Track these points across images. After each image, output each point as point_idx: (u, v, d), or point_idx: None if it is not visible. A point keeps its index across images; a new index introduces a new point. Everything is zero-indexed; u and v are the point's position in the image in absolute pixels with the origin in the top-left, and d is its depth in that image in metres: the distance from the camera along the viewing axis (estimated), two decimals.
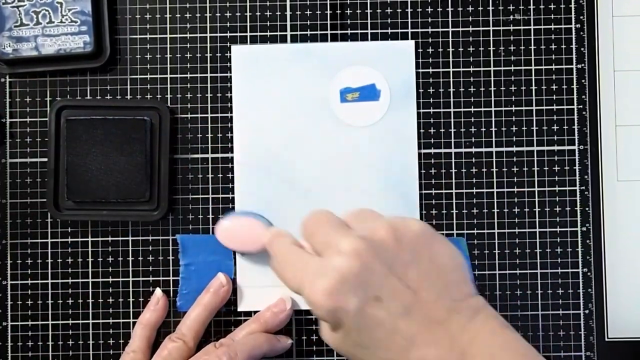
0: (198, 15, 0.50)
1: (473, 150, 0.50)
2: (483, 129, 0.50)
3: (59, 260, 0.49)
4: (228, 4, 0.50)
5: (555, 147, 0.50)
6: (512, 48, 0.50)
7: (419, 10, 0.50)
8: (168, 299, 0.49)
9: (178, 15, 0.50)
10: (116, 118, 0.48)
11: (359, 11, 0.50)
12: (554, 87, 0.50)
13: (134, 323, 0.49)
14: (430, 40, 0.50)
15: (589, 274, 0.49)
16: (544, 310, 0.49)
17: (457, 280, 0.38)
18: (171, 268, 0.50)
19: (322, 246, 0.39)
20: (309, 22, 0.50)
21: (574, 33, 0.50)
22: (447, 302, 0.37)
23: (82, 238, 0.50)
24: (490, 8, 0.50)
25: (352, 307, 0.36)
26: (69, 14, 0.48)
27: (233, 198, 0.49)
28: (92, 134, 0.48)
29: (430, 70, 0.50)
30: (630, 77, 0.50)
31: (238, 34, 0.50)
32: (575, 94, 0.50)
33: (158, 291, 0.49)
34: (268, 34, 0.50)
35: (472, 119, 0.50)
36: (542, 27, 0.50)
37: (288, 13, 0.50)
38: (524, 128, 0.50)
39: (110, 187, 0.48)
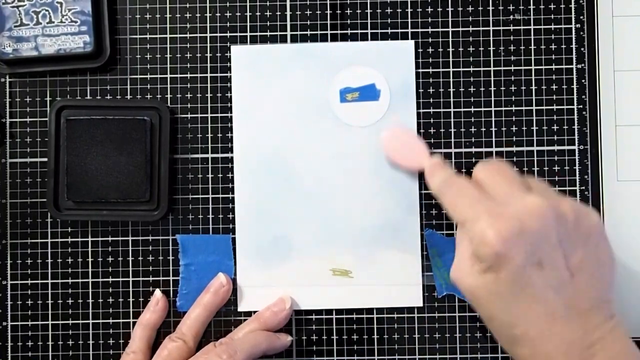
0: (198, 15, 0.50)
1: (473, 150, 0.50)
2: (483, 129, 0.50)
3: (59, 260, 0.49)
4: (228, 4, 0.50)
5: (555, 147, 0.50)
6: (512, 48, 0.50)
7: (419, 10, 0.50)
8: (168, 300, 0.49)
9: (178, 15, 0.50)
10: (116, 118, 0.48)
11: (359, 11, 0.50)
12: (554, 87, 0.50)
13: (134, 323, 0.49)
14: (430, 40, 0.50)
15: None
16: None
17: (609, 282, 0.40)
18: (171, 268, 0.50)
19: (504, 193, 0.40)
20: (309, 22, 0.50)
21: (574, 33, 0.50)
22: (594, 296, 0.39)
23: (82, 238, 0.50)
24: (490, 8, 0.50)
25: (517, 261, 0.37)
26: (69, 14, 0.48)
27: (233, 198, 0.49)
28: (92, 134, 0.48)
29: (430, 70, 0.50)
30: (630, 77, 0.50)
31: (238, 34, 0.50)
32: (575, 94, 0.50)
33: (158, 292, 0.49)
34: (268, 34, 0.50)
35: (472, 119, 0.50)
36: (542, 27, 0.50)
37: (288, 13, 0.50)
38: (524, 128, 0.50)
39: (110, 187, 0.48)
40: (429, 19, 0.50)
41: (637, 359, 0.39)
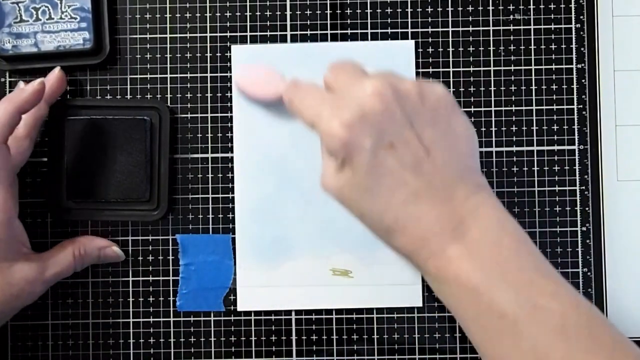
0: (198, 15, 0.50)
1: None
2: (483, 129, 0.50)
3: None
4: (228, 4, 0.50)
5: (555, 147, 0.50)
6: (512, 48, 0.50)
7: (419, 10, 0.50)
8: (65, 78, 0.48)
9: (178, 15, 0.50)
10: (116, 118, 0.48)
11: (359, 11, 0.50)
12: (554, 87, 0.50)
13: (134, 323, 0.49)
14: (430, 40, 0.50)
15: (589, 274, 0.49)
16: None
17: (468, 153, 0.39)
18: (171, 268, 0.50)
19: (345, 85, 0.39)
20: (309, 22, 0.50)
21: (574, 33, 0.50)
22: (455, 170, 0.38)
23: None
24: (490, 8, 0.50)
25: (367, 146, 0.36)
26: (68, 11, 0.48)
27: (233, 198, 0.49)
28: (91, 134, 0.48)
29: (430, 70, 0.50)
30: (630, 77, 0.50)
31: (238, 34, 0.50)
32: (575, 94, 0.50)
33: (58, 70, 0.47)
34: (268, 34, 0.50)
35: (472, 119, 0.50)
36: (542, 27, 0.50)
37: (288, 13, 0.50)
38: (524, 128, 0.50)
39: (110, 187, 0.48)
40: (429, 19, 0.50)
41: (511, 226, 0.38)
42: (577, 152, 0.50)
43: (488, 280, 0.36)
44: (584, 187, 0.50)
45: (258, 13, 0.50)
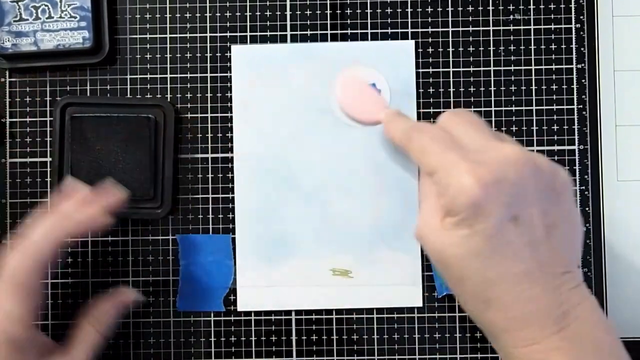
0: (198, 15, 0.50)
1: None
2: None
3: (59, 260, 0.49)
4: (228, 4, 0.50)
5: (555, 147, 0.50)
6: (512, 48, 0.50)
7: (419, 10, 0.50)
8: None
9: (178, 15, 0.50)
10: (120, 116, 0.48)
11: (359, 11, 0.50)
12: (554, 87, 0.50)
13: (134, 323, 0.49)
14: (430, 40, 0.50)
15: (589, 274, 0.49)
16: None
17: (578, 247, 0.38)
18: (171, 268, 0.50)
19: (477, 142, 0.37)
20: (309, 22, 0.50)
21: (574, 33, 0.50)
22: (567, 258, 0.37)
23: (82, 237, 0.49)
24: (490, 8, 0.50)
25: (496, 213, 0.34)
26: (68, 10, 0.48)
27: (233, 198, 0.49)
28: (96, 132, 0.48)
29: (430, 70, 0.50)
30: (630, 77, 0.50)
31: (238, 34, 0.50)
32: (575, 94, 0.50)
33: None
34: (268, 34, 0.50)
35: None
36: (542, 27, 0.50)
37: (288, 13, 0.50)
38: (524, 128, 0.50)
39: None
40: (429, 19, 0.50)
41: (610, 329, 0.37)
42: (577, 152, 0.50)
43: None
44: (584, 187, 0.50)
45: (258, 13, 0.50)
